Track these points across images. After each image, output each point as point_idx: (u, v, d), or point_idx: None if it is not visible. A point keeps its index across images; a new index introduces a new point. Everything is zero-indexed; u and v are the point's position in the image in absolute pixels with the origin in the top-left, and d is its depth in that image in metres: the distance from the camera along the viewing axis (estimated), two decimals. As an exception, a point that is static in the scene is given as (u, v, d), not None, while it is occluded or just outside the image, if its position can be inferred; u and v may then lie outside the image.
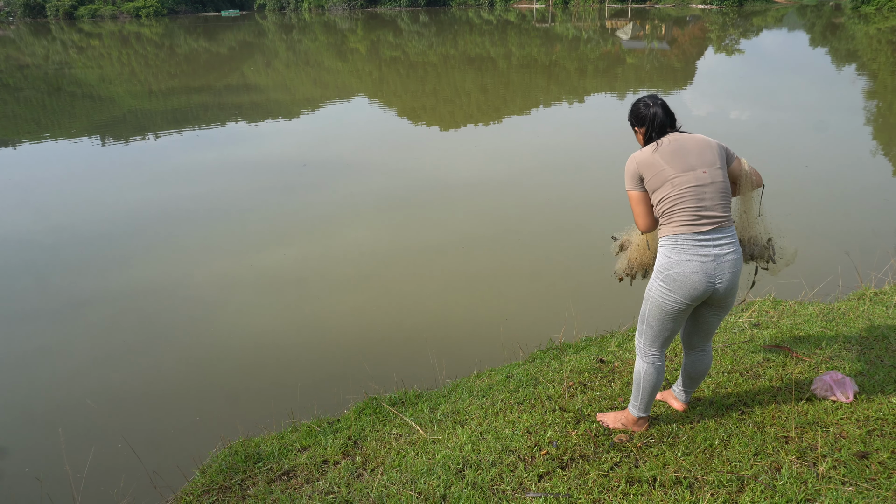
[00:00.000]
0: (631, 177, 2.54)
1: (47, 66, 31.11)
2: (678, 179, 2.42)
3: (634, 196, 2.56)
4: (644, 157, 2.50)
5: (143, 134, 14.62)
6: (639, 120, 2.60)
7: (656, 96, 2.62)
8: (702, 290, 2.41)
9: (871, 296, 4.56)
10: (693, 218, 2.40)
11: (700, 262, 2.39)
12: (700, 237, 2.40)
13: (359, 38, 42.31)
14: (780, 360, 3.47)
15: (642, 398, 2.75)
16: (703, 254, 2.39)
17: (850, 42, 27.30)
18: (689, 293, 2.42)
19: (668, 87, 19.43)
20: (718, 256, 2.40)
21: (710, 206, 2.41)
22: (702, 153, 2.46)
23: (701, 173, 2.42)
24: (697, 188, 2.40)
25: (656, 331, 2.58)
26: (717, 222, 2.41)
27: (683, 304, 2.45)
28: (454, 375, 4.01)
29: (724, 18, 42.26)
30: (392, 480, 2.77)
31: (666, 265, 2.45)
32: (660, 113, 2.54)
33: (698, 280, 2.39)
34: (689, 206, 2.40)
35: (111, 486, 3.34)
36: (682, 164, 2.43)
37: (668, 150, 2.47)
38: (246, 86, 23.35)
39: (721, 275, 2.41)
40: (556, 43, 33.95)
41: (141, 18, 69.19)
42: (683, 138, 2.51)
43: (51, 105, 20.09)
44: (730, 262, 2.42)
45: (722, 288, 2.43)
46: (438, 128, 14.92)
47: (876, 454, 2.61)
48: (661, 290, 2.48)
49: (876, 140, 11.36)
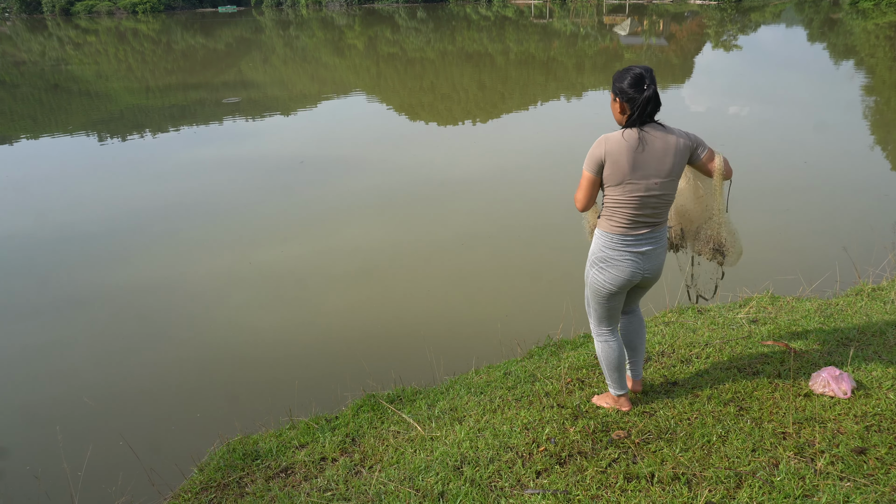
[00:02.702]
0: (594, 160, 2.52)
1: (44, 63, 31.01)
2: (630, 186, 2.49)
3: (588, 177, 2.57)
4: (615, 149, 2.46)
5: (141, 131, 14.58)
6: (627, 97, 2.47)
7: (652, 73, 2.48)
8: (628, 282, 2.67)
9: (868, 291, 4.57)
10: (631, 222, 2.56)
11: (631, 257, 2.62)
12: (633, 238, 2.59)
13: (356, 34, 42.21)
14: (778, 356, 3.48)
15: (610, 375, 2.93)
16: (634, 250, 2.61)
17: (848, 38, 27.29)
18: (620, 282, 2.66)
19: (667, 83, 19.42)
20: (648, 251, 2.62)
21: (650, 213, 2.55)
22: (662, 160, 2.47)
23: (653, 184, 2.49)
24: (644, 198, 2.50)
25: (599, 312, 2.80)
26: (652, 226, 2.59)
27: (615, 289, 2.69)
28: (452, 372, 4.01)
29: (722, 14, 42.21)
30: (390, 477, 2.77)
31: (601, 257, 2.67)
32: (652, 99, 2.45)
33: (629, 272, 2.63)
34: (632, 212, 2.54)
35: (109, 484, 3.34)
36: (640, 172, 2.47)
37: (636, 149, 2.45)
38: (243, 82, 23.29)
39: (647, 269, 2.66)
40: (554, 39, 33.89)
41: (137, 14, 68.96)
42: (656, 139, 2.47)
43: (48, 102, 20.03)
44: (657, 255, 2.67)
45: (650, 275, 2.69)
46: (436, 124, 14.89)
47: (874, 450, 2.61)
48: (595, 277, 2.70)
49: (874, 135, 11.36)
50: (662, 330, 4.06)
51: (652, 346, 3.82)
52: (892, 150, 10.42)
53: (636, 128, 2.48)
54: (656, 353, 3.71)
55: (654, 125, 2.51)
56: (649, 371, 3.46)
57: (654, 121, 2.52)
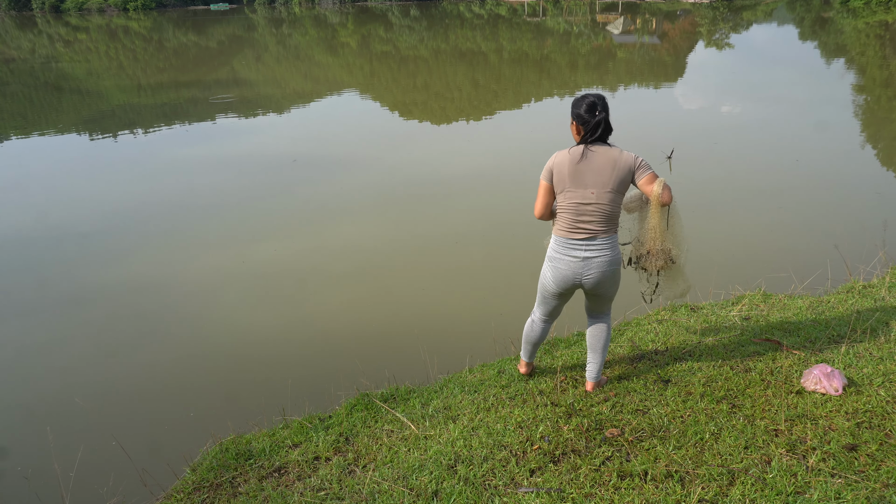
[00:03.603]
0: (546, 170, 2.90)
1: (34, 60, 30.75)
2: (569, 194, 2.82)
3: (543, 185, 2.93)
4: (561, 160, 2.84)
5: (133, 129, 14.49)
6: (581, 121, 2.82)
7: (605, 100, 2.81)
8: (570, 282, 2.93)
9: (859, 289, 4.59)
10: (570, 227, 2.85)
11: (570, 260, 2.88)
12: (575, 241, 2.85)
13: (349, 33, 42.08)
14: (770, 354, 3.49)
15: (524, 346, 3.39)
16: (573, 255, 2.87)
17: (839, 36, 27.43)
18: (559, 282, 2.95)
19: (659, 82, 19.47)
20: (587, 258, 2.85)
21: (587, 220, 2.81)
22: (600, 173, 2.77)
23: (589, 193, 2.78)
24: (580, 205, 2.80)
25: (541, 302, 3.16)
26: (590, 233, 2.83)
27: (556, 289, 2.98)
28: (446, 371, 4.00)
29: (715, 13, 42.33)
30: (384, 476, 2.76)
31: (549, 255, 2.99)
32: (602, 123, 2.77)
33: (567, 275, 2.90)
34: (570, 217, 2.84)
35: (101, 485, 3.31)
36: (578, 181, 2.79)
37: (579, 163, 2.79)
38: (236, 80, 23.18)
39: (588, 273, 2.87)
40: (548, 37, 33.90)
41: (129, 12, 68.39)
42: (597, 155, 2.78)
43: (38, 100, 19.86)
44: (597, 264, 2.86)
45: (588, 283, 2.90)
46: (430, 122, 14.87)
47: (864, 446, 2.62)
48: (543, 272, 3.04)
49: (864, 133, 11.43)
50: (656, 328, 4.07)
51: (645, 343, 3.83)
52: (883, 149, 10.48)
53: (584, 145, 2.80)
54: (650, 351, 3.72)
55: (603, 144, 2.81)
56: (642, 368, 3.48)
57: (605, 142, 2.83)
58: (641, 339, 3.90)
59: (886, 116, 12.70)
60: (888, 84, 15.71)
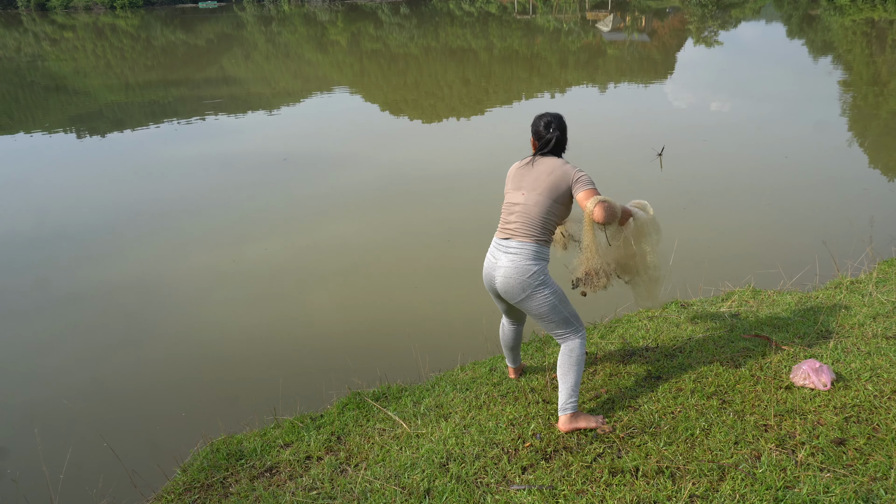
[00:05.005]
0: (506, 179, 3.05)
1: (19, 59, 30.42)
2: (507, 196, 2.96)
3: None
4: (513, 167, 3.01)
5: (121, 128, 14.37)
6: (537, 137, 2.98)
7: (561, 120, 2.95)
8: (488, 283, 2.98)
9: (847, 284, 4.64)
10: (502, 227, 2.94)
11: (488, 259, 2.96)
12: (498, 241, 2.92)
13: (339, 31, 41.92)
14: (760, 350, 3.52)
15: (504, 352, 3.46)
16: (493, 254, 2.93)
17: (826, 34, 27.62)
18: (485, 281, 3.00)
19: (649, 79, 19.54)
20: (498, 259, 2.88)
21: (512, 220, 2.87)
22: (537, 179, 2.86)
23: (520, 195, 2.88)
24: (510, 205, 2.91)
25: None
26: (511, 233, 2.86)
27: (486, 285, 3.01)
28: (437, 369, 4.00)
29: (703, 10, 42.50)
30: (376, 475, 2.76)
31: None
32: (553, 140, 2.91)
33: (486, 273, 2.97)
34: (502, 217, 2.95)
35: (90, 487, 3.29)
36: (516, 184, 2.92)
37: (522, 167, 2.95)
38: (225, 78, 23.05)
39: (495, 276, 2.88)
40: (538, 35, 33.93)
41: (116, 10, 67.70)
42: (542, 164, 2.90)
43: (24, 98, 19.66)
44: (502, 268, 2.84)
45: (499, 287, 2.88)
46: (421, 120, 14.85)
47: (853, 441, 2.65)
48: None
49: (852, 130, 11.52)
50: (646, 325, 4.09)
51: (636, 340, 3.85)
52: (870, 145, 10.58)
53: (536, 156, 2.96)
54: (640, 347, 3.73)
55: (553, 158, 2.92)
56: (633, 365, 3.49)
57: (558, 156, 2.95)
58: (632, 336, 3.91)
59: (873, 113, 12.81)
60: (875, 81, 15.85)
